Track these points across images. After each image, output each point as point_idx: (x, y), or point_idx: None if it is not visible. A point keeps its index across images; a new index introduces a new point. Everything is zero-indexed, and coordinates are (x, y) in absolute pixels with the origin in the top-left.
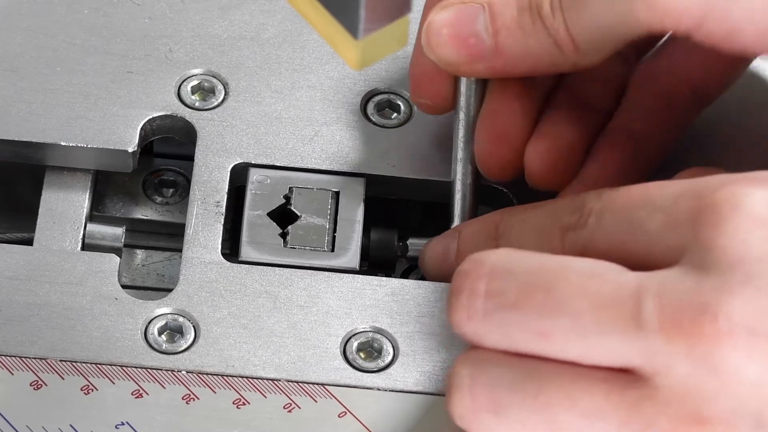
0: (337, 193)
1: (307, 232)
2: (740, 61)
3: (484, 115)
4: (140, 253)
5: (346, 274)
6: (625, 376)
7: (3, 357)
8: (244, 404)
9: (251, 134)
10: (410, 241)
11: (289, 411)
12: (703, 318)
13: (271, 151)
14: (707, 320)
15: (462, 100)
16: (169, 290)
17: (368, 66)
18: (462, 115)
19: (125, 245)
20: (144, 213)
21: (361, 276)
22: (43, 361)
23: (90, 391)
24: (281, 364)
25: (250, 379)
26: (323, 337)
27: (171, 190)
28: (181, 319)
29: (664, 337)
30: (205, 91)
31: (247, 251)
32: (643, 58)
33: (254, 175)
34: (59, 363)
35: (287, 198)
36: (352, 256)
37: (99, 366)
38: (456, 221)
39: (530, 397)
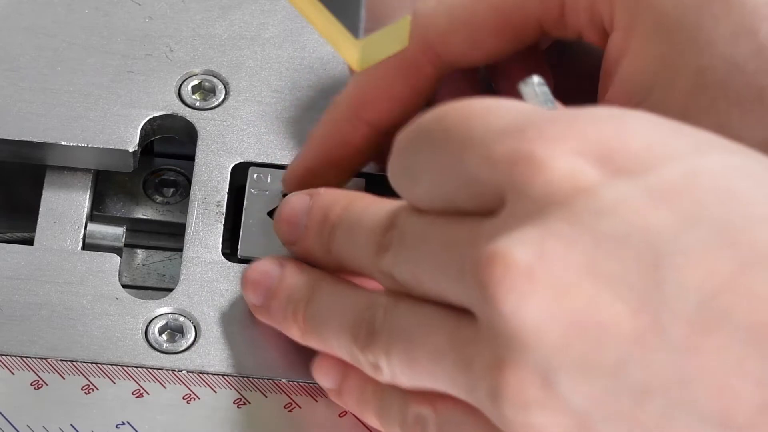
0: None
1: None
2: None
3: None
4: (141, 253)
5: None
6: (466, 317)
7: (3, 357)
8: (245, 404)
9: (252, 134)
10: None
11: (290, 410)
12: (489, 260)
13: (272, 151)
14: (492, 262)
15: None
16: (170, 290)
17: (369, 66)
18: None
19: (126, 245)
20: (144, 213)
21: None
22: (43, 360)
23: (90, 390)
24: (281, 363)
25: (251, 379)
26: None
27: (171, 190)
28: (181, 318)
29: (472, 281)
30: (205, 90)
31: (245, 249)
32: None
33: (254, 174)
34: (60, 362)
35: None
36: None
37: (99, 366)
38: None
39: (397, 328)
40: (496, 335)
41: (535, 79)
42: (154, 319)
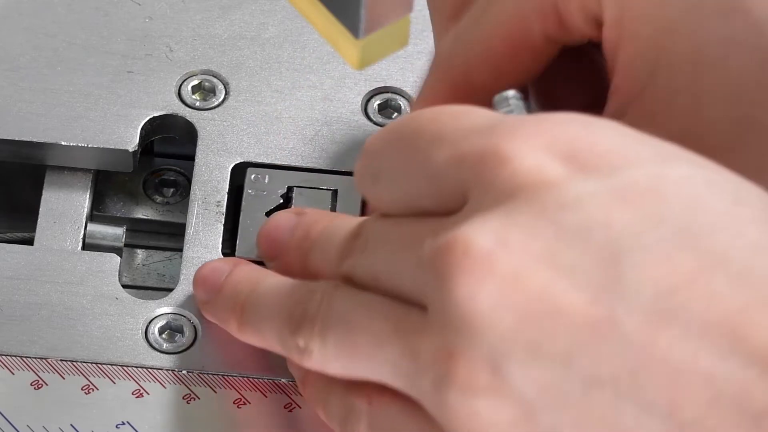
0: (336, 191)
1: None
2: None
3: None
4: (141, 253)
5: None
6: (415, 308)
7: (3, 356)
8: (245, 404)
9: (252, 134)
10: None
11: (290, 410)
12: (448, 246)
13: (272, 151)
14: (450, 247)
15: None
16: (170, 290)
17: (369, 66)
18: None
19: (126, 245)
20: (144, 213)
21: None
22: (43, 360)
23: (90, 390)
24: (281, 363)
25: (251, 379)
26: None
27: (171, 190)
28: (181, 318)
29: (428, 267)
30: (205, 90)
31: (243, 250)
32: None
33: (251, 174)
34: (60, 362)
35: (286, 197)
36: None
37: (99, 365)
38: None
39: (336, 312)
40: (447, 321)
41: (510, 92)
42: (154, 319)
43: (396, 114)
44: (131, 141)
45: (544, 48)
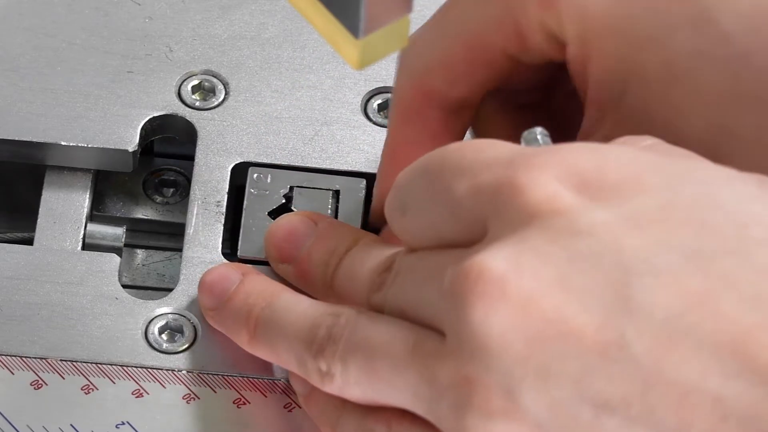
0: (338, 192)
1: None
2: None
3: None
4: (140, 253)
5: None
6: (434, 333)
7: (3, 356)
8: (245, 404)
9: (252, 134)
10: None
11: (290, 411)
12: (465, 271)
13: (272, 151)
14: (467, 273)
15: None
16: (170, 290)
17: (369, 66)
18: None
19: (125, 245)
20: (144, 213)
21: None
22: (43, 360)
23: (90, 390)
24: None
25: (251, 379)
26: None
27: (171, 190)
28: (181, 318)
29: (447, 293)
30: (205, 90)
31: (245, 249)
32: None
33: (254, 174)
34: (60, 362)
35: (287, 197)
36: None
37: (99, 365)
38: None
39: (359, 337)
40: (463, 346)
41: (538, 129)
42: (153, 319)
43: None
44: (131, 141)
45: (502, 62)
